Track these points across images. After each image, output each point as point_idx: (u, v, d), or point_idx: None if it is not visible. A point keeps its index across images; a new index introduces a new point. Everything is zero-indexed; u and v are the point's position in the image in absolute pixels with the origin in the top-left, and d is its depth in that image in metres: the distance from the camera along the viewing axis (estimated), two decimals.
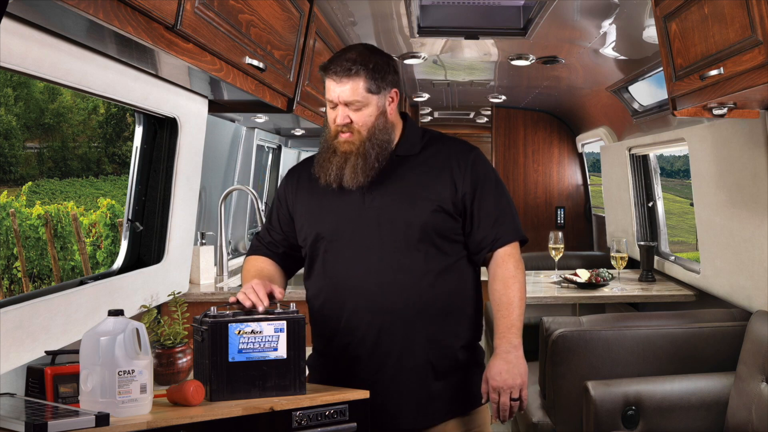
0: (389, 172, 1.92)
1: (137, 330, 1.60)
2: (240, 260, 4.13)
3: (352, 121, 1.89)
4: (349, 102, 1.88)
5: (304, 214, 1.99)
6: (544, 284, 4.02)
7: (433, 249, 1.89)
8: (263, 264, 2.04)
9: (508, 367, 1.86)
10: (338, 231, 1.92)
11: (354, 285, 1.89)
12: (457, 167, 1.93)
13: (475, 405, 1.97)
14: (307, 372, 1.80)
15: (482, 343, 2.06)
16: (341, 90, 1.88)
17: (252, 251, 2.09)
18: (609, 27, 3.16)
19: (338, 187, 1.92)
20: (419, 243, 1.88)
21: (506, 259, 1.94)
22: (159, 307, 2.67)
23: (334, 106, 1.91)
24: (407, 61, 4.05)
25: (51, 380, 1.72)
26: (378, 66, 1.91)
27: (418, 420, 1.92)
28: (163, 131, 2.70)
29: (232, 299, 1.79)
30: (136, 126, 2.70)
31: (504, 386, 1.85)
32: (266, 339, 1.74)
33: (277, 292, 1.81)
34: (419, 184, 1.91)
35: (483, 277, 2.01)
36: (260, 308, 1.75)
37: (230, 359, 1.71)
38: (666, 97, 2.63)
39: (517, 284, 1.93)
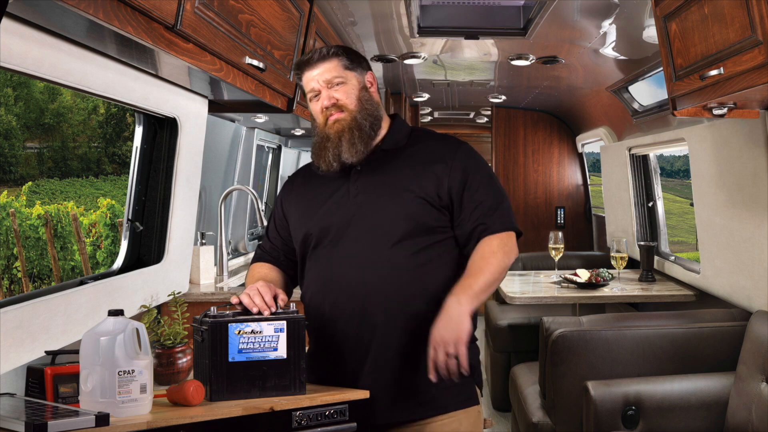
0: (374, 167, 1.93)
1: (137, 330, 1.60)
2: (240, 260, 4.13)
3: (337, 100, 1.91)
4: (330, 80, 1.91)
5: (296, 216, 2.01)
6: (544, 284, 4.02)
7: (418, 242, 1.88)
8: (267, 270, 2.05)
9: (446, 323, 1.77)
10: (324, 227, 1.92)
11: (337, 278, 1.89)
12: (444, 162, 1.92)
13: (462, 405, 1.93)
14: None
15: (480, 344, 2.05)
16: (319, 72, 1.92)
17: (255, 259, 2.11)
18: (609, 27, 3.16)
19: (328, 185, 1.94)
20: (403, 236, 1.87)
21: (492, 239, 1.89)
22: (159, 307, 2.67)
23: (317, 94, 1.93)
24: (407, 61, 4.05)
25: (51, 380, 1.72)
26: (349, 50, 1.98)
27: (396, 414, 1.89)
28: (163, 131, 2.70)
29: (234, 299, 1.79)
30: (136, 126, 2.70)
31: (439, 341, 1.76)
32: (266, 339, 1.74)
33: (280, 298, 1.81)
34: (404, 178, 1.91)
35: None
36: (266, 313, 1.76)
37: (230, 359, 1.71)
38: (666, 97, 2.63)
39: (494, 260, 1.85)
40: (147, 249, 2.75)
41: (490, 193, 1.94)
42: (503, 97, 5.74)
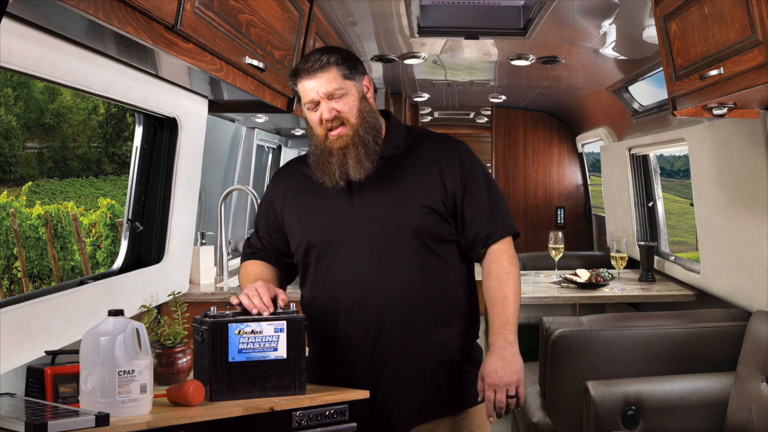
0: (377, 175, 1.88)
1: (137, 330, 1.60)
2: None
3: (338, 112, 1.86)
4: (330, 92, 1.85)
5: (294, 221, 1.97)
6: (544, 284, 4.02)
7: (426, 250, 1.88)
8: (262, 268, 2.02)
9: (503, 364, 1.84)
10: (329, 239, 1.90)
11: (348, 291, 1.87)
12: (445, 165, 1.91)
13: (472, 404, 1.96)
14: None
15: (480, 342, 2.06)
16: (319, 83, 1.86)
17: (246, 257, 2.06)
18: (609, 27, 3.15)
19: (327, 192, 1.90)
20: (411, 245, 1.87)
21: (500, 255, 1.92)
22: (159, 307, 2.67)
23: (315, 105, 1.88)
24: (407, 61, 4.05)
25: (51, 380, 1.73)
26: (346, 55, 1.92)
27: (420, 417, 1.92)
28: (163, 131, 2.70)
29: (234, 300, 1.78)
30: (136, 126, 2.70)
31: (500, 383, 1.83)
32: (266, 339, 1.74)
33: (280, 299, 1.80)
34: (408, 186, 1.89)
35: (478, 277, 2.00)
36: (265, 314, 1.75)
37: (230, 359, 1.71)
38: (666, 97, 2.63)
39: (511, 280, 1.91)
40: (147, 249, 2.75)
41: (489, 196, 1.94)
42: (503, 97, 5.74)
